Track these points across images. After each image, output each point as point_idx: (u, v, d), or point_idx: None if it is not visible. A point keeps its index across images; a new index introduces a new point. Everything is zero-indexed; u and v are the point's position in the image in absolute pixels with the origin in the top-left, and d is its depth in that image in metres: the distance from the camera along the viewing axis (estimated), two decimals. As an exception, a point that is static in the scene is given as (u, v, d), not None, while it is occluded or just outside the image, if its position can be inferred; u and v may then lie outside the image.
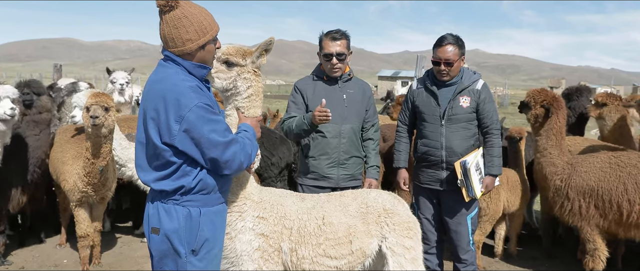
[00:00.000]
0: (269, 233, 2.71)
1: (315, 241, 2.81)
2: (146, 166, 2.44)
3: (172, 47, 2.41)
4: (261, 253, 2.69)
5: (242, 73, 2.63)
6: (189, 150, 2.32)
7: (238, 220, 2.68)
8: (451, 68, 3.83)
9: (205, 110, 2.32)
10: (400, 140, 4.19)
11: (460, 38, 3.88)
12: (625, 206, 4.13)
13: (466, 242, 4.00)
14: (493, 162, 3.89)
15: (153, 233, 2.45)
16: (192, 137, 2.29)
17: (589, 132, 6.98)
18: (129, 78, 6.91)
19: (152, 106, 2.33)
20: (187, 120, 2.27)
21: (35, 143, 4.88)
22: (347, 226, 2.91)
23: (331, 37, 3.75)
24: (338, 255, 2.86)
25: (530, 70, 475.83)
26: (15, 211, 4.98)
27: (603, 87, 73.91)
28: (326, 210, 2.91)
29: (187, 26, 2.38)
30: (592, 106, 5.32)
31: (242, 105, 2.66)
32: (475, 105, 3.88)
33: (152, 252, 2.52)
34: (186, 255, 2.41)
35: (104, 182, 4.60)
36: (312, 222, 2.83)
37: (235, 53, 2.60)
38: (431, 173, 3.98)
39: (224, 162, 2.35)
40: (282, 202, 2.84)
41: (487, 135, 3.93)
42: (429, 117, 3.95)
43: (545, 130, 4.46)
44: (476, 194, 3.81)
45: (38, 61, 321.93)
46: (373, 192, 3.23)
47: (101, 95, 4.30)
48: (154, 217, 2.44)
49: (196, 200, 2.42)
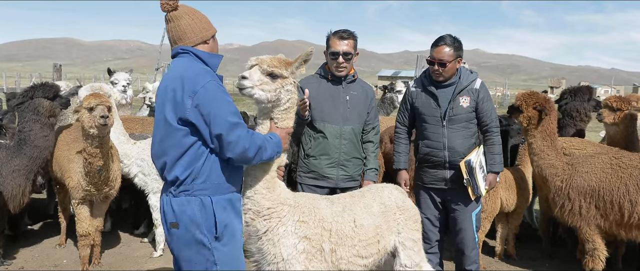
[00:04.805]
0: (311, 235, 2.79)
1: (350, 242, 2.93)
2: (160, 152, 2.52)
3: (188, 39, 2.58)
4: (306, 255, 2.76)
5: (286, 85, 2.66)
6: (200, 126, 2.41)
7: (278, 225, 2.72)
8: (445, 69, 3.84)
9: (218, 88, 2.44)
10: (399, 141, 4.19)
11: (458, 40, 3.88)
12: (626, 207, 4.13)
13: (471, 239, 4.03)
14: (494, 160, 3.94)
15: (173, 228, 2.51)
16: (202, 113, 2.39)
17: (590, 134, 6.95)
18: (130, 80, 6.93)
19: (170, 88, 2.45)
20: (199, 95, 2.38)
21: (44, 143, 4.89)
22: (374, 226, 3.07)
23: (339, 36, 3.77)
24: (368, 254, 3.02)
25: (530, 70, 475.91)
26: (15, 211, 4.97)
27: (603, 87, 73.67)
28: (355, 212, 3.03)
29: (200, 17, 2.61)
30: (607, 110, 5.10)
31: (278, 117, 2.70)
32: (474, 104, 3.91)
33: (173, 250, 2.57)
34: (210, 242, 2.48)
35: (105, 181, 4.60)
36: (346, 225, 2.93)
37: (279, 65, 2.63)
38: (435, 174, 4.00)
39: (228, 143, 2.40)
40: (316, 205, 2.92)
41: (487, 133, 3.97)
42: (429, 118, 3.96)
43: (539, 131, 4.47)
44: (481, 192, 3.87)
45: (38, 61, 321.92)
46: (385, 189, 3.37)
47: (101, 95, 4.34)
48: (170, 213, 2.51)
49: (206, 189, 2.47)
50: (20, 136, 4.85)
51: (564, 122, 5.77)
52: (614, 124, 5.09)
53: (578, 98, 5.83)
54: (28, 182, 4.90)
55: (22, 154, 4.80)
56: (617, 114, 5.03)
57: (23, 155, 4.80)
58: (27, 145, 4.80)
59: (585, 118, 5.82)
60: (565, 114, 5.78)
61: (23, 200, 4.93)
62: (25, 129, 4.82)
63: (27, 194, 4.95)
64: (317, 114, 3.80)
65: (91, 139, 4.26)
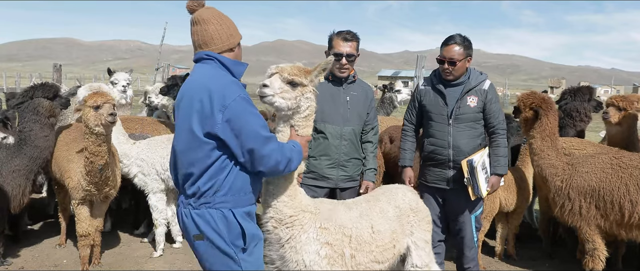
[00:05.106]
0: (333, 241, 2.83)
1: (368, 248, 2.98)
2: (184, 163, 2.48)
3: (215, 45, 2.53)
4: (328, 260, 2.80)
5: (305, 93, 2.69)
6: (229, 141, 2.37)
7: (301, 232, 2.75)
8: (454, 68, 3.85)
9: (248, 102, 2.41)
10: (406, 138, 4.21)
11: (468, 39, 3.90)
12: (627, 207, 4.13)
13: (470, 239, 4.04)
14: (499, 162, 3.93)
15: (197, 240, 2.49)
16: (233, 128, 2.36)
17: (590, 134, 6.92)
18: (130, 80, 6.93)
19: (197, 98, 2.40)
20: (230, 110, 2.35)
21: (45, 143, 4.89)
22: (390, 231, 3.13)
23: (343, 37, 3.78)
24: (384, 259, 3.09)
25: (530, 70, 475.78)
26: (15, 211, 4.97)
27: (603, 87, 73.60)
28: (372, 218, 3.07)
29: (228, 23, 2.57)
30: (614, 109, 5.08)
31: (299, 124, 2.72)
32: (482, 105, 3.91)
33: (200, 261, 2.57)
34: (236, 254, 2.48)
35: (106, 180, 4.60)
36: (364, 231, 2.98)
37: (299, 73, 2.65)
38: (438, 172, 4.01)
39: (261, 156, 2.39)
40: (336, 210, 2.96)
41: (493, 135, 3.97)
42: (436, 116, 3.97)
43: (537, 132, 4.47)
44: (482, 193, 3.85)
45: (38, 61, 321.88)
46: (398, 190, 3.43)
47: (106, 93, 4.36)
48: (191, 226, 2.49)
49: (227, 201, 2.46)
50: (20, 136, 4.85)
51: (564, 122, 5.76)
52: (618, 124, 5.08)
53: (578, 99, 5.82)
54: (28, 182, 4.90)
55: (23, 154, 4.80)
56: (621, 114, 5.02)
57: (23, 155, 4.80)
58: (28, 145, 4.80)
59: (585, 119, 5.80)
60: (565, 114, 5.77)
61: (23, 200, 4.93)
62: (26, 129, 4.83)
63: (27, 194, 4.95)
64: (317, 115, 3.76)
65: (95, 137, 4.26)
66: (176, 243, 5.61)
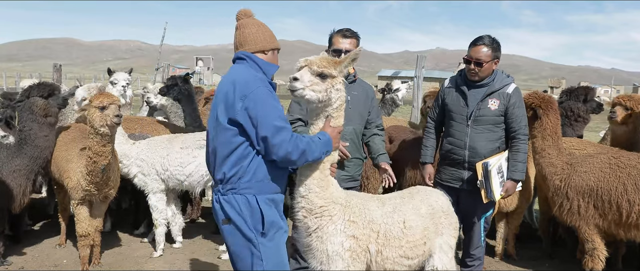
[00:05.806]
0: (359, 235, 2.84)
1: (397, 243, 2.98)
2: (212, 150, 2.71)
3: (248, 46, 2.79)
4: (351, 253, 2.82)
5: (335, 85, 2.70)
6: (247, 127, 2.57)
7: (329, 223, 2.79)
8: (481, 69, 3.84)
9: (269, 94, 2.59)
10: (428, 136, 4.23)
11: (497, 41, 3.89)
12: (624, 207, 4.13)
13: (478, 239, 4.08)
14: (517, 167, 3.87)
15: (224, 224, 2.68)
16: (250, 115, 2.54)
17: (590, 134, 6.90)
18: (130, 80, 6.92)
19: (224, 90, 2.64)
20: (249, 99, 2.54)
21: (45, 143, 4.89)
22: (422, 228, 3.13)
23: (342, 34, 3.79)
24: (414, 255, 3.09)
25: (530, 70, 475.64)
26: (16, 211, 4.97)
27: (603, 87, 73.42)
28: (405, 213, 3.07)
29: (264, 30, 2.84)
30: (621, 109, 5.07)
31: (333, 115, 2.74)
32: (503, 108, 3.87)
33: (227, 244, 2.77)
34: (256, 238, 2.63)
35: (106, 181, 4.60)
36: (395, 226, 2.99)
37: (328, 65, 2.67)
38: (453, 172, 4.02)
39: (272, 146, 2.54)
40: (367, 205, 2.96)
41: (514, 139, 3.92)
42: (456, 116, 3.98)
43: (539, 131, 4.47)
44: (495, 197, 3.83)
45: (38, 61, 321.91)
46: (433, 193, 3.44)
47: (111, 94, 4.41)
48: (219, 211, 2.72)
49: (251, 187, 2.63)
50: (20, 135, 4.85)
51: (561, 122, 5.75)
52: (624, 123, 5.08)
53: (573, 98, 5.82)
54: (28, 182, 4.90)
55: (23, 154, 4.80)
56: (628, 113, 5.02)
57: (24, 154, 4.80)
58: (28, 145, 4.80)
59: (579, 119, 5.77)
60: (561, 114, 5.77)
61: (23, 200, 4.93)
62: (25, 128, 4.83)
63: (27, 194, 4.96)
64: None
65: (100, 138, 4.27)
66: (176, 243, 5.61)
